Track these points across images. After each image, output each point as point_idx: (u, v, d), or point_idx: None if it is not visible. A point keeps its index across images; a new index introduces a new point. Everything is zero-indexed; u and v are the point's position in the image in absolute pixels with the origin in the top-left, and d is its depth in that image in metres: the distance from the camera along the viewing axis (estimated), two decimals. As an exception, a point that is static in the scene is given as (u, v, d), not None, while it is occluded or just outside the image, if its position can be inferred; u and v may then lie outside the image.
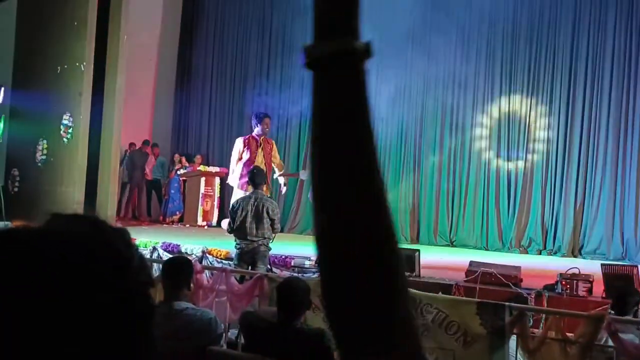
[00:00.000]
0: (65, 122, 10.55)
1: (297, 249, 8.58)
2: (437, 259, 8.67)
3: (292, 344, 3.48)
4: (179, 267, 3.73)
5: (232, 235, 6.80)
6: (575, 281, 6.01)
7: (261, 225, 6.48)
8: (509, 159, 11.27)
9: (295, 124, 12.85)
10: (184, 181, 12.99)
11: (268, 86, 13.41)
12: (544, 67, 11.07)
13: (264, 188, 6.77)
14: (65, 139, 10.53)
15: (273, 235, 6.68)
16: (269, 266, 6.67)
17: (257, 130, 8.04)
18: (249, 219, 6.46)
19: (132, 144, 12.98)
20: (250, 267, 6.37)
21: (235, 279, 6.00)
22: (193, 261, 6.55)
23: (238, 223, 6.51)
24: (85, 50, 10.53)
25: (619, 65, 10.50)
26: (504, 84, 11.39)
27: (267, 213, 6.46)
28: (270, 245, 6.68)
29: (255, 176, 6.75)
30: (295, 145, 12.94)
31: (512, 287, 6.29)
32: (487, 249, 10.97)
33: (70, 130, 10.54)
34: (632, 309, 4.45)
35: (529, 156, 11.12)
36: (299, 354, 3.42)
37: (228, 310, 5.62)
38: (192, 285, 3.80)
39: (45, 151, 10.63)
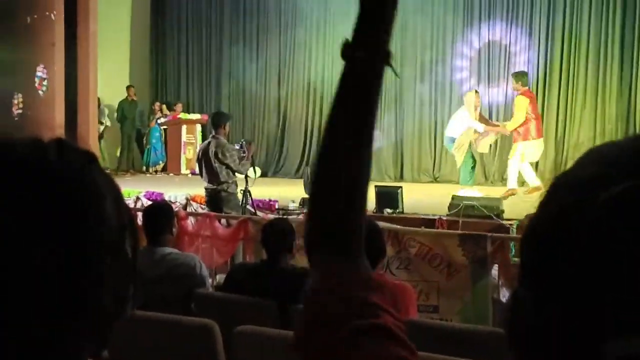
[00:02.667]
0: (39, 74, 10.31)
1: (282, 192, 8.61)
2: (421, 195, 8.73)
3: (277, 283, 3.52)
4: (159, 213, 3.72)
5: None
6: (555, 209, 6.08)
7: (212, 170, 6.39)
8: (490, 90, 11.22)
9: (274, 77, 12.71)
10: (165, 130, 12.86)
11: (245, 33, 13.15)
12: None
13: (222, 132, 6.55)
14: (40, 92, 10.33)
15: (246, 176, 6.56)
16: (247, 208, 6.63)
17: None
18: (203, 165, 6.42)
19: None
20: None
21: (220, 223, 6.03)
22: (177, 208, 6.57)
23: (198, 169, 6.49)
24: (55, -1, 10.22)
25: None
26: (483, 13, 11.24)
27: (217, 158, 6.36)
28: (238, 190, 6.56)
29: (212, 118, 6.66)
30: (274, 97, 12.79)
31: (494, 218, 6.37)
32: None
33: (45, 83, 10.33)
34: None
35: (510, 87, 11.07)
36: (284, 293, 3.46)
37: (215, 255, 5.66)
38: (174, 230, 3.80)
39: (21, 105, 10.45)
